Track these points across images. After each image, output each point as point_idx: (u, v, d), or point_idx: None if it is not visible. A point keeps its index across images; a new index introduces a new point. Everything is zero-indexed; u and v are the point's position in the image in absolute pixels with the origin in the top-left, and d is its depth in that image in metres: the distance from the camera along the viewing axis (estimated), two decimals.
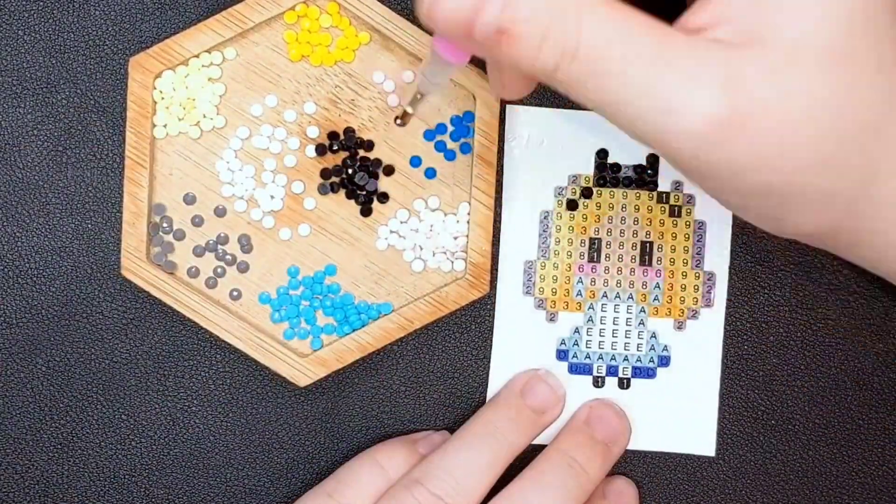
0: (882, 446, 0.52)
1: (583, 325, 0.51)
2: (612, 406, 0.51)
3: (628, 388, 0.51)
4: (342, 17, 0.50)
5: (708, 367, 0.51)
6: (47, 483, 0.52)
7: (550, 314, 0.51)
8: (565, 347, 0.51)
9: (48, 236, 0.51)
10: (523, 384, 0.50)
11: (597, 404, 0.51)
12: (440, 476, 0.48)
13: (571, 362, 0.51)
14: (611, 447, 0.50)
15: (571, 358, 0.51)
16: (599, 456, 0.49)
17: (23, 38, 0.50)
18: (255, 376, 0.51)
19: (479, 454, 0.48)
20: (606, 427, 0.50)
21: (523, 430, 0.49)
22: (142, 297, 0.51)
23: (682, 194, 0.51)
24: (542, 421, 0.50)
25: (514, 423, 0.49)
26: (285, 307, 0.50)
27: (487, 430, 0.49)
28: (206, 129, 0.50)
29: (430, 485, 0.47)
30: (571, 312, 0.51)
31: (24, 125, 0.50)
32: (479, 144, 0.49)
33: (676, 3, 0.43)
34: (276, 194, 0.50)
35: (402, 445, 0.50)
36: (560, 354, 0.51)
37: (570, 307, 0.51)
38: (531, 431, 0.50)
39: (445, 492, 0.47)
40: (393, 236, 0.50)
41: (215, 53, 0.49)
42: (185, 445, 0.52)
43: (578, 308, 0.51)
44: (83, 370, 0.51)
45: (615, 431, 0.50)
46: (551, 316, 0.51)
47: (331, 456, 0.51)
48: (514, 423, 0.49)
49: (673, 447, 0.52)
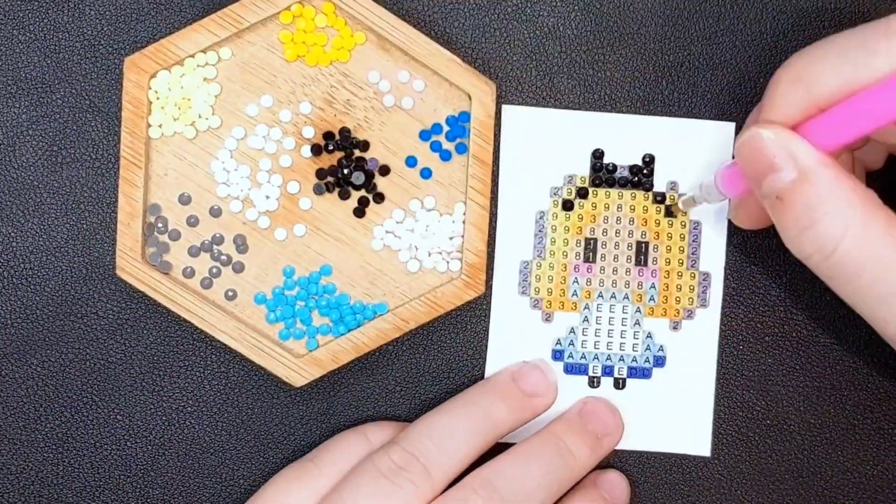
0: (877, 446, 0.52)
1: (578, 325, 0.51)
2: (607, 402, 0.51)
3: (624, 388, 0.51)
4: (338, 18, 0.50)
5: (703, 367, 0.51)
6: (42, 483, 0.51)
7: (546, 314, 0.51)
8: (561, 347, 0.51)
9: (43, 236, 0.51)
10: (515, 370, 0.50)
11: (591, 400, 0.51)
12: (416, 438, 0.47)
13: (567, 362, 0.51)
14: (601, 439, 0.50)
15: (567, 358, 0.51)
16: (589, 444, 0.49)
17: (18, 38, 0.50)
18: (250, 377, 0.51)
19: (459, 420, 0.48)
20: (599, 421, 0.50)
21: (509, 407, 0.49)
22: (137, 298, 0.51)
23: (677, 195, 0.51)
24: (532, 404, 0.50)
25: (500, 399, 0.49)
26: (281, 307, 0.50)
27: (472, 401, 0.49)
28: (202, 129, 0.50)
29: (405, 443, 0.47)
30: (567, 312, 0.51)
31: (19, 125, 0.50)
32: (475, 145, 0.49)
33: None
34: (272, 194, 0.50)
35: (393, 428, 0.50)
36: (556, 354, 0.51)
37: (566, 307, 0.51)
38: (519, 412, 0.49)
39: (420, 451, 0.47)
40: (388, 236, 0.50)
41: (210, 53, 0.49)
42: (181, 446, 0.51)
43: (574, 308, 0.51)
44: (78, 370, 0.51)
45: (607, 426, 0.50)
46: (547, 316, 0.51)
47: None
48: (500, 399, 0.49)
49: (668, 447, 0.52)
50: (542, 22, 0.51)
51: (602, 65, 0.51)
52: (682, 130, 0.51)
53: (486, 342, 0.51)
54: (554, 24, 0.51)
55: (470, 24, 0.51)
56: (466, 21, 0.51)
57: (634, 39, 0.51)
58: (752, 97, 0.51)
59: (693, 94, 0.51)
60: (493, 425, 0.48)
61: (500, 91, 0.51)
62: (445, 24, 0.51)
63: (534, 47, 0.51)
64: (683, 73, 0.51)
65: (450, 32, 0.51)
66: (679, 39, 0.51)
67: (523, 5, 0.51)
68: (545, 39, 0.51)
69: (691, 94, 0.51)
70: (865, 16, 0.51)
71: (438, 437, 0.47)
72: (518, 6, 0.51)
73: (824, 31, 0.51)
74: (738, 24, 0.51)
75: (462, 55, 0.51)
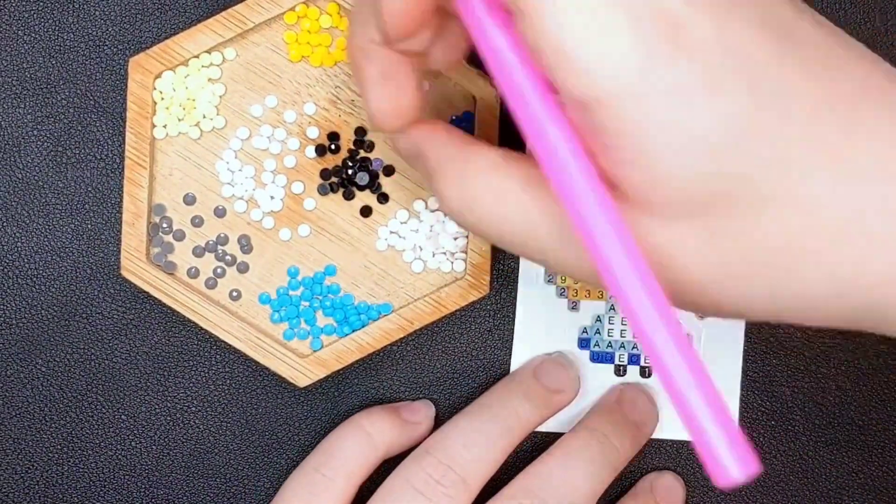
0: (882, 447, 0.52)
1: (605, 313, 0.51)
2: (643, 389, 0.51)
3: (650, 376, 0.51)
4: (342, 18, 0.50)
5: (730, 354, 0.51)
6: (47, 483, 0.52)
7: (572, 302, 0.51)
8: (587, 336, 0.51)
9: (48, 236, 0.51)
10: (536, 366, 0.50)
11: (628, 387, 0.50)
12: (448, 445, 0.47)
13: (593, 351, 0.51)
14: (641, 428, 0.50)
15: (593, 346, 0.51)
16: (630, 434, 0.49)
17: (23, 39, 0.50)
18: (254, 377, 0.51)
19: (488, 424, 0.48)
20: (638, 410, 0.50)
21: (534, 405, 0.49)
22: (141, 298, 0.51)
23: None
24: (555, 400, 0.50)
25: (525, 398, 0.49)
26: (285, 308, 0.50)
27: (498, 403, 0.49)
28: (206, 129, 0.50)
29: (438, 454, 0.47)
30: (593, 301, 0.51)
31: (24, 125, 0.51)
32: None
33: None
34: (276, 195, 0.50)
35: (386, 411, 0.50)
36: (582, 343, 0.51)
37: (592, 295, 0.51)
38: (543, 409, 0.49)
39: (454, 460, 0.47)
40: (393, 237, 0.50)
41: (215, 54, 0.49)
42: (185, 446, 0.52)
43: (600, 296, 0.51)
44: (83, 370, 0.51)
45: (646, 413, 0.50)
46: (573, 304, 0.51)
47: None
48: (525, 398, 0.49)
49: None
50: None
51: None
52: None
53: (488, 342, 0.51)
54: None
55: None
56: None
57: None
58: None
59: None
60: (521, 425, 0.48)
61: None
62: None
63: None
64: None
65: None
66: None
67: None
68: None
69: None
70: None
71: (472, 444, 0.47)
72: None
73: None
74: None
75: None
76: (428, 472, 0.46)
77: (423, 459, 0.47)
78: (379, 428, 0.49)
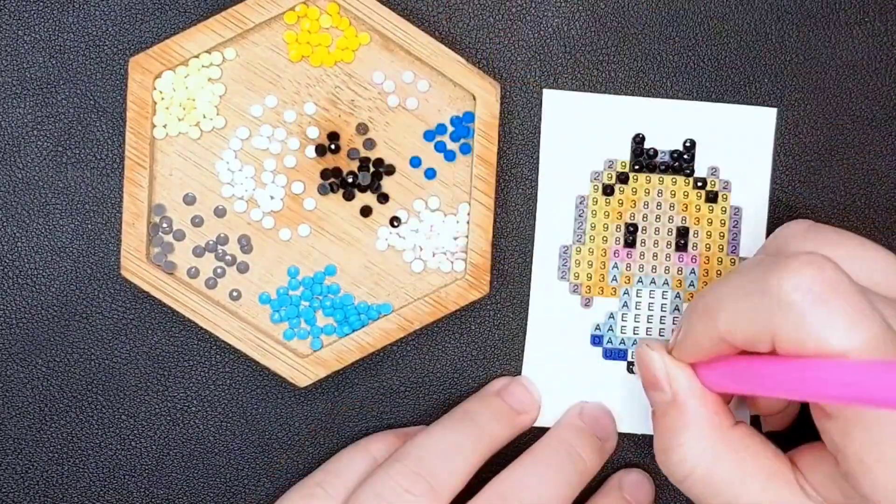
0: None
1: (618, 310, 0.51)
2: (603, 406, 0.51)
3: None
4: (342, 18, 0.49)
5: None
6: (47, 483, 0.52)
7: (585, 299, 0.51)
8: (600, 333, 0.51)
9: (48, 236, 0.51)
10: (500, 386, 0.50)
11: (588, 405, 0.51)
12: (419, 455, 0.47)
13: (606, 348, 0.51)
14: (604, 443, 0.50)
15: (606, 343, 0.51)
16: (597, 449, 0.49)
17: (23, 39, 0.50)
18: (254, 377, 0.51)
19: (459, 435, 0.48)
20: (601, 426, 0.50)
21: (501, 422, 0.49)
22: (141, 298, 0.51)
23: (718, 180, 0.51)
24: (519, 420, 0.50)
25: (493, 413, 0.49)
26: (285, 307, 0.50)
27: (467, 416, 0.49)
28: (206, 129, 0.50)
29: (408, 462, 0.46)
30: (606, 298, 0.51)
31: (24, 125, 0.51)
32: (479, 145, 0.49)
33: None
34: (276, 195, 0.50)
35: (396, 437, 0.50)
36: (594, 340, 0.51)
37: (605, 292, 0.51)
38: (509, 428, 0.49)
39: (424, 469, 0.46)
40: (393, 237, 0.50)
41: (215, 54, 0.49)
42: (185, 446, 0.52)
43: (613, 293, 0.51)
44: (83, 370, 0.51)
45: (607, 431, 0.50)
46: (586, 301, 0.51)
47: (330, 456, 0.51)
48: (493, 413, 0.49)
49: None
50: (547, 23, 0.51)
51: (606, 65, 0.51)
52: (723, 116, 0.51)
53: (489, 342, 0.51)
54: (559, 25, 0.51)
55: (474, 24, 0.51)
56: (471, 21, 0.51)
57: (638, 39, 0.51)
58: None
59: (735, 79, 0.51)
60: (490, 442, 0.48)
61: (503, 91, 0.51)
62: (450, 25, 0.51)
63: (538, 48, 0.51)
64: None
65: (454, 33, 0.51)
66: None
67: (528, 6, 0.51)
68: (550, 40, 0.51)
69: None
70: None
71: (443, 454, 0.47)
72: (522, 7, 0.51)
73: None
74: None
75: (466, 55, 0.50)
76: (397, 481, 0.46)
77: (391, 468, 0.46)
78: (386, 453, 0.49)
